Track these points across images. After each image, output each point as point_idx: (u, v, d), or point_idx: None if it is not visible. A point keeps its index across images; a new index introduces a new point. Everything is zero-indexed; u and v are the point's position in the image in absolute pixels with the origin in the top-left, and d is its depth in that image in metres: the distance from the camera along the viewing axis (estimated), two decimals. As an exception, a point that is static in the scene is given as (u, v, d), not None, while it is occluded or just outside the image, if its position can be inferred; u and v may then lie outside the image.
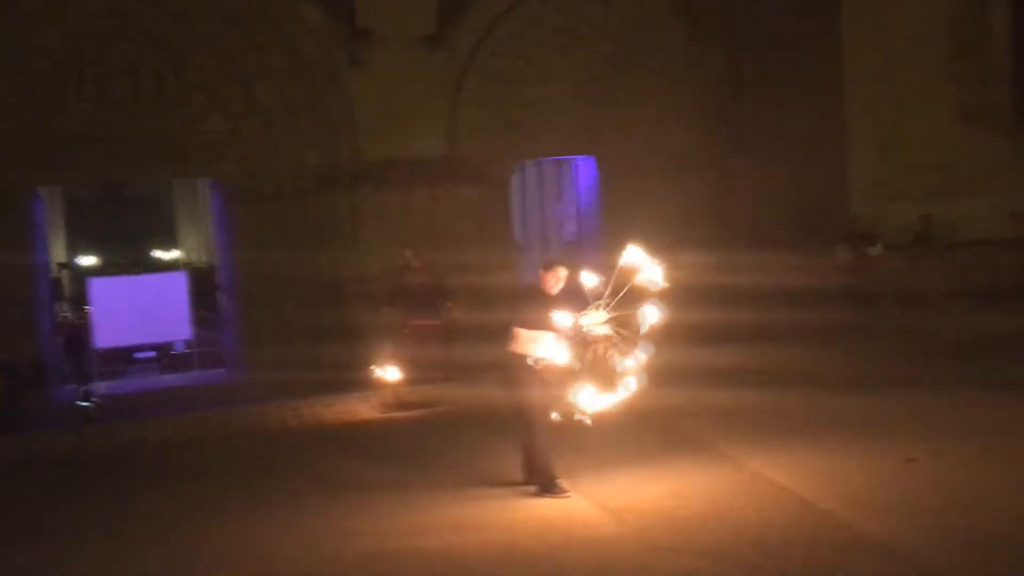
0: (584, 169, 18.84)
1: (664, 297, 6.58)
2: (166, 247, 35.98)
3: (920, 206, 14.42)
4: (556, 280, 7.21)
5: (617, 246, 6.80)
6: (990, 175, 15.57)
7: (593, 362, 6.73)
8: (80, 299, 21.46)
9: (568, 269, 7.26)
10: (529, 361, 7.01)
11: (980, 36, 15.89)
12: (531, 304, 7.16)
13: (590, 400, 6.71)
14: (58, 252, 30.72)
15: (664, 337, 6.68)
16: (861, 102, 15.35)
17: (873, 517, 6.27)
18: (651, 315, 6.50)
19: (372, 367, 11.51)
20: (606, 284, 6.69)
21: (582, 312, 6.77)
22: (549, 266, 7.32)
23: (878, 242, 13.78)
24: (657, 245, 6.85)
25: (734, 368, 11.80)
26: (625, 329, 6.67)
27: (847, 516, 6.32)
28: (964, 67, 15.66)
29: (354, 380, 12.26)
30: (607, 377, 6.72)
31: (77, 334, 16.91)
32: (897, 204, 15.07)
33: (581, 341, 6.73)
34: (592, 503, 6.96)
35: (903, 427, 8.49)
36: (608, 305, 6.67)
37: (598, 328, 6.72)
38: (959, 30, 15.73)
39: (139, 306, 17.05)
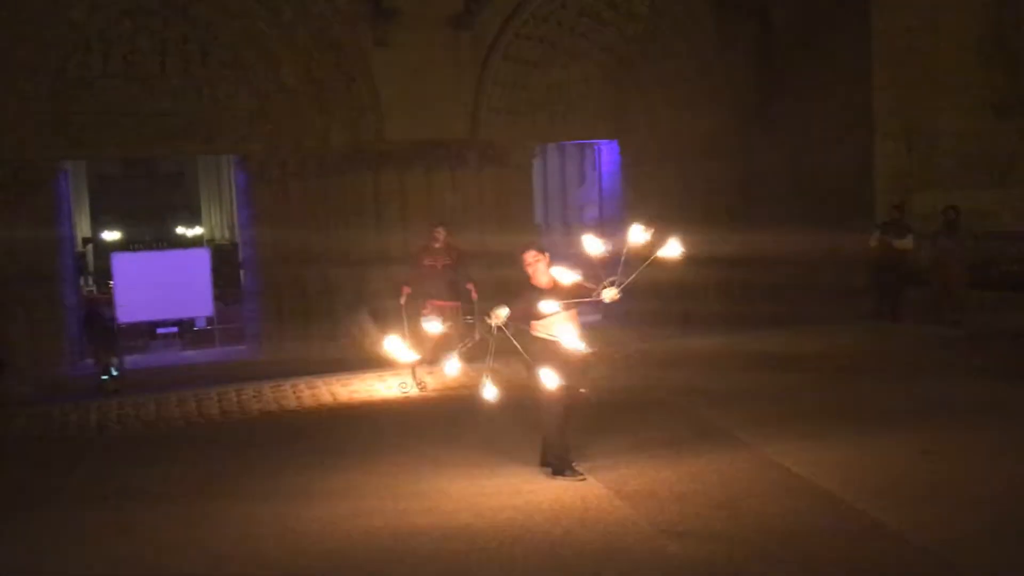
0: (607, 153, 18.80)
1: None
2: (190, 223, 36.24)
3: (946, 196, 14.29)
4: (532, 266, 7.16)
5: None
6: (1018, 166, 15.43)
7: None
8: (104, 274, 21.67)
9: (538, 250, 7.23)
10: (550, 339, 7.04)
11: (1010, 26, 15.70)
12: (532, 297, 7.09)
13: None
14: (83, 227, 31.00)
15: (682, 322, 6.71)
16: (889, 91, 15.22)
17: (889, 507, 6.25)
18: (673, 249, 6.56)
19: (390, 346, 11.52)
20: (614, 260, 6.70)
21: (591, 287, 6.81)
22: (526, 255, 7.23)
23: (909, 235, 13.64)
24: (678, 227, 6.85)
25: (751, 353, 11.79)
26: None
27: (862, 505, 6.29)
28: (993, 58, 15.49)
29: (373, 360, 12.29)
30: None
31: (97, 309, 17.06)
32: (923, 194, 14.97)
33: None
34: (607, 486, 6.96)
35: (921, 417, 8.43)
36: (618, 283, 6.67)
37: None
38: (989, 20, 15.56)
39: (162, 282, 17.18)
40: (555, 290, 7.06)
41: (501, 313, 6.85)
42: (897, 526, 5.93)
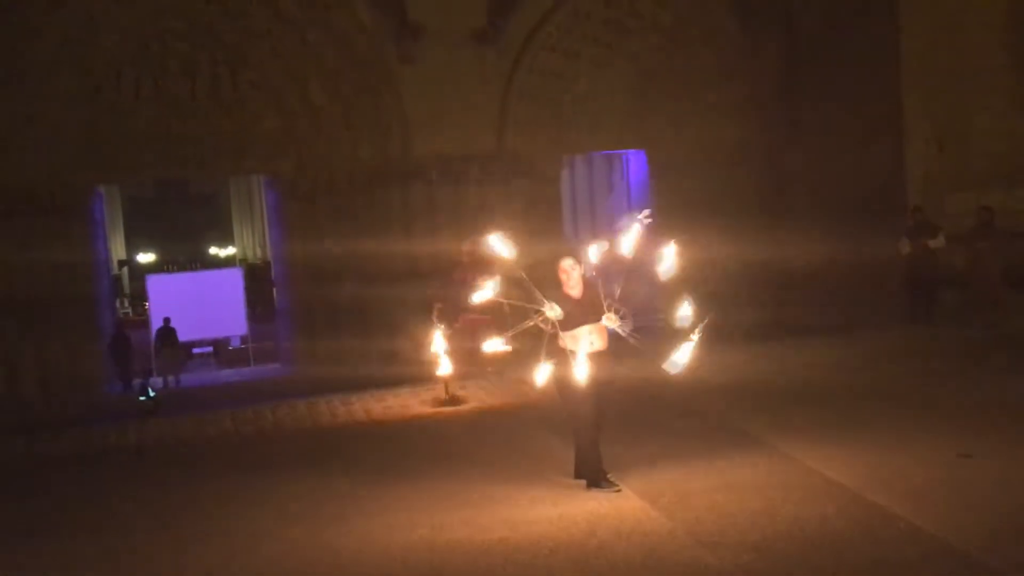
0: (635, 163, 18.78)
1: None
2: (222, 243, 36.62)
3: (978, 197, 14.15)
4: (567, 273, 7.16)
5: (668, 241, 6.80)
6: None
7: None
8: (139, 296, 21.94)
9: (574, 258, 7.21)
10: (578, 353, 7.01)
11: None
12: (564, 306, 7.08)
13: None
14: (118, 249, 31.40)
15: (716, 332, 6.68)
16: (918, 93, 15.11)
17: (926, 511, 6.18)
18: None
19: (424, 362, 11.58)
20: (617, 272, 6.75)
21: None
22: (563, 262, 7.23)
23: (940, 234, 13.51)
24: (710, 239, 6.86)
25: (784, 359, 11.71)
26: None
27: (899, 510, 6.23)
28: (1022, 56, 15.32)
29: (406, 375, 12.35)
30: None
31: (123, 332, 17.25)
32: (955, 195, 14.83)
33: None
34: (642, 497, 6.94)
35: (958, 420, 8.35)
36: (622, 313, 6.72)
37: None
38: (1019, 19, 15.40)
39: (196, 302, 17.40)
40: (582, 301, 7.06)
41: (557, 308, 6.87)
42: (934, 531, 5.87)
